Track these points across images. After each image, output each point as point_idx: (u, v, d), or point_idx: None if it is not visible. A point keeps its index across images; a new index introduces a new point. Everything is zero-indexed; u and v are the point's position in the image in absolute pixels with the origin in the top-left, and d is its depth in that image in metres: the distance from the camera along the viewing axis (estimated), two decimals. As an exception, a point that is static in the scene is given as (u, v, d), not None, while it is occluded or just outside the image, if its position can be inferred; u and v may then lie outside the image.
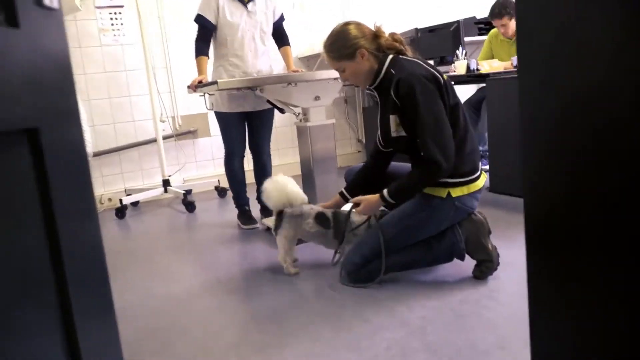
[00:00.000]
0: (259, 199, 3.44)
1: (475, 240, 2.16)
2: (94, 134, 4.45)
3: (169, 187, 4.26)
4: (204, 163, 4.87)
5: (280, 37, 3.34)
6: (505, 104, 3.39)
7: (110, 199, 4.50)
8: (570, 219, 0.79)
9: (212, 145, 4.85)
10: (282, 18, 3.30)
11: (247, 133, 3.31)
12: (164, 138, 4.54)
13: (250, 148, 3.37)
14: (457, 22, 4.00)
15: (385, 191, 2.13)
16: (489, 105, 3.59)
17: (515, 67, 3.76)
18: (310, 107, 2.95)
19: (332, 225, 2.39)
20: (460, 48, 3.87)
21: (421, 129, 2.02)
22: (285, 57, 3.35)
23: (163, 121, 4.43)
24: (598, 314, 0.77)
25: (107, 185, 4.55)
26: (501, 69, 3.99)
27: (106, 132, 4.50)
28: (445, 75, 2.13)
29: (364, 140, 5.43)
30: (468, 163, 2.11)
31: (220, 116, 3.21)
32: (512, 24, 4.23)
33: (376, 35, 2.17)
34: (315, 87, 2.92)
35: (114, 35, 4.45)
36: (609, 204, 0.72)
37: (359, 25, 2.18)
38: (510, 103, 3.34)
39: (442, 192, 2.10)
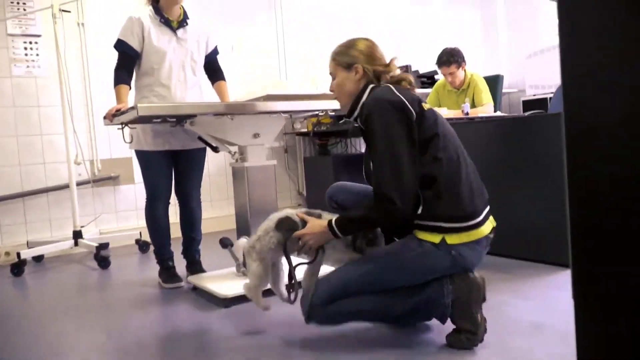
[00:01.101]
0: (185, 253, 2.97)
1: (464, 304, 1.77)
2: (-5, 177, 3.84)
3: (80, 240, 3.67)
4: (125, 214, 4.32)
5: (214, 71, 2.98)
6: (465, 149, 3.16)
7: (8, 253, 3.83)
8: None
9: (136, 193, 4.32)
10: (216, 51, 2.96)
11: (173, 175, 2.87)
12: (80, 184, 3.98)
13: (177, 193, 2.92)
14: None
15: (333, 220, 1.81)
16: (441, 154, 3.34)
17: (467, 114, 3.58)
18: (248, 146, 2.57)
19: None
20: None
21: (375, 159, 1.77)
22: (220, 93, 2.98)
23: (78, 163, 3.89)
24: None
25: (7, 236, 3.89)
26: (451, 116, 3.80)
27: (10, 175, 3.90)
28: (426, 105, 1.85)
29: (305, 193, 5.08)
30: (465, 205, 1.77)
31: (142, 155, 2.76)
32: (460, 73, 4.10)
33: (385, 65, 1.94)
34: (255, 122, 2.56)
35: (27, 67, 3.95)
36: None
37: (374, 46, 1.98)
38: (469, 149, 3.10)
39: (436, 238, 1.75)
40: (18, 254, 3.42)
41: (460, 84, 4.15)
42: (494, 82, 4.52)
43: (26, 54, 3.94)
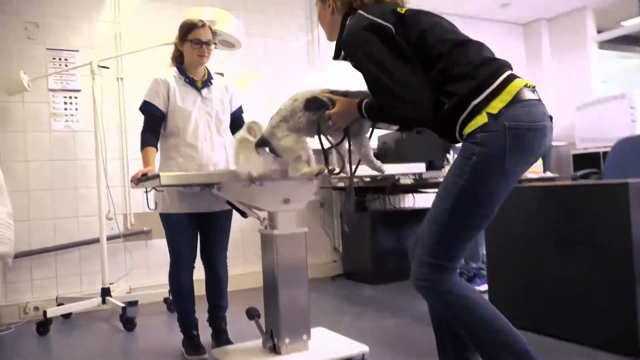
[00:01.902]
0: (210, 321, 2.82)
1: None
2: (29, 230, 3.82)
3: (107, 298, 3.58)
4: (157, 269, 4.22)
5: (239, 128, 2.89)
6: (506, 216, 2.93)
7: (37, 308, 3.78)
8: None
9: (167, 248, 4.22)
10: (241, 109, 2.91)
11: (198, 238, 2.76)
12: (112, 238, 3.93)
13: (202, 257, 2.79)
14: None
15: (363, 103, 1.81)
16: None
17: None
18: (278, 212, 2.43)
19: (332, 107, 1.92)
20: (451, 152, 3.47)
21: (375, 87, 1.73)
22: None
23: (110, 219, 3.84)
24: None
25: (37, 290, 3.85)
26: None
27: (44, 228, 3.88)
28: (404, 8, 1.76)
29: (340, 249, 4.88)
30: (484, 69, 1.59)
31: (167, 218, 2.66)
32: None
33: None
34: (286, 188, 2.43)
35: (67, 121, 3.98)
36: None
37: None
38: (513, 215, 2.88)
39: (481, 118, 1.55)
40: (44, 313, 3.34)
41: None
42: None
43: (66, 109, 3.98)
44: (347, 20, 1.83)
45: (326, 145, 1.99)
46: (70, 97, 4.00)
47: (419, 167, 2.95)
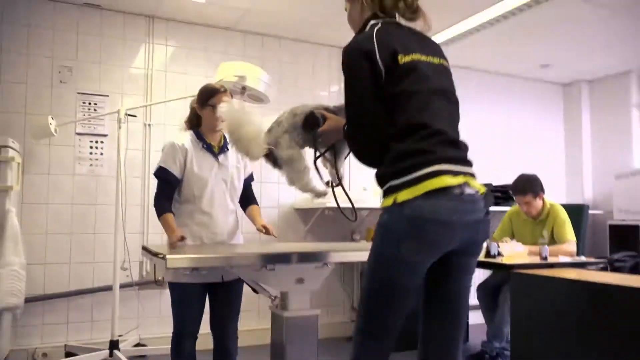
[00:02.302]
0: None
1: None
2: (44, 273, 3.78)
3: (115, 352, 3.49)
4: (169, 319, 4.10)
5: (247, 197, 2.83)
6: (532, 301, 2.75)
7: (45, 355, 3.71)
8: None
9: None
10: (251, 177, 2.85)
11: (207, 307, 2.66)
12: (126, 286, 3.86)
13: (212, 328, 2.68)
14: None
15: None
16: (514, 301, 2.92)
17: (545, 258, 3.17)
18: (290, 292, 2.31)
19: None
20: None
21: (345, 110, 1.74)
22: (253, 216, 2.80)
23: (124, 269, 3.78)
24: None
25: (47, 336, 3.78)
26: (525, 255, 3.40)
27: (59, 273, 3.84)
28: (407, 57, 1.65)
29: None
30: (408, 156, 1.58)
31: (177, 287, 2.57)
32: (537, 203, 3.71)
33: None
34: (300, 269, 2.31)
35: (91, 165, 3.97)
36: None
37: None
38: (539, 301, 2.70)
39: (389, 200, 1.59)
40: (49, 365, 3.27)
41: (537, 214, 3.75)
42: (578, 212, 4.07)
43: (91, 153, 3.98)
44: (368, 24, 1.77)
45: (319, 161, 1.99)
46: (97, 142, 4.00)
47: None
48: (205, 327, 2.64)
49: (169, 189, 2.57)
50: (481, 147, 5.57)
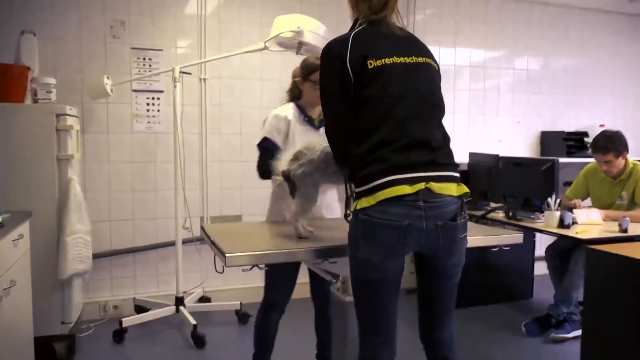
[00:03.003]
0: (320, 356, 2.77)
1: None
2: (109, 230, 3.89)
3: (181, 308, 3.60)
4: (231, 274, 4.18)
5: None
6: (610, 280, 2.57)
7: (116, 307, 3.89)
8: None
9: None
10: None
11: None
12: (188, 242, 3.92)
13: (313, 297, 2.73)
14: (552, 160, 3.22)
15: None
16: (588, 278, 2.73)
17: (625, 230, 2.94)
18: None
19: None
20: (554, 196, 3.08)
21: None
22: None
23: (186, 228, 3.81)
24: None
25: (116, 289, 3.94)
26: (601, 223, 3.17)
27: (124, 229, 3.93)
28: (377, 61, 1.67)
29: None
30: (365, 164, 1.67)
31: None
32: (619, 163, 3.42)
33: None
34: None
35: (148, 122, 3.94)
36: None
37: None
38: (617, 280, 2.52)
39: (353, 206, 1.74)
40: (120, 322, 3.40)
41: (617, 173, 3.46)
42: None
43: (148, 110, 3.94)
44: (355, 25, 1.82)
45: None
46: (153, 99, 3.94)
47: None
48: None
49: (271, 157, 2.50)
50: (562, 90, 5.18)
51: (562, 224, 3.02)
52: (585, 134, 4.78)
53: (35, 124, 2.95)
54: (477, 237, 2.06)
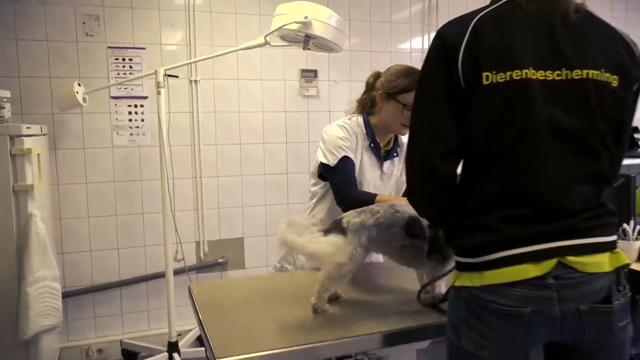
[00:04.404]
0: None
1: None
2: (91, 262, 3.32)
3: (174, 355, 3.04)
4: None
5: None
6: None
7: (100, 351, 3.33)
8: None
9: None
10: None
11: None
12: (179, 272, 3.34)
13: None
14: (628, 177, 2.61)
15: None
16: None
17: None
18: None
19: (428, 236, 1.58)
20: (632, 223, 2.48)
21: None
22: None
23: (178, 260, 3.23)
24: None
25: (101, 329, 3.38)
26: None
27: (107, 260, 3.36)
28: (500, 75, 1.10)
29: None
30: (469, 230, 1.18)
31: None
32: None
33: None
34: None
35: (131, 134, 3.36)
36: None
37: None
38: None
39: (453, 277, 1.25)
40: (102, 378, 2.86)
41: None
42: None
43: (130, 119, 3.35)
44: None
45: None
46: (136, 106, 3.35)
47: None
48: None
49: (354, 180, 1.94)
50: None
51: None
52: (636, 129, 4.16)
53: (-18, 150, 2.37)
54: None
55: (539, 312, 1.11)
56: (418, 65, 1.45)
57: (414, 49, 3.92)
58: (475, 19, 1.14)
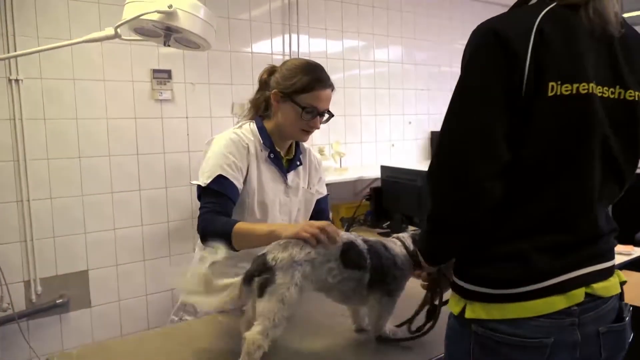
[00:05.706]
0: None
1: None
2: None
3: None
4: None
5: (318, 212, 1.92)
6: None
7: None
8: None
9: (92, 322, 3.02)
10: (327, 200, 1.97)
11: None
12: (8, 321, 2.63)
13: None
14: None
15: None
16: None
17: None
18: None
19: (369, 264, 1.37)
20: None
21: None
22: None
23: (5, 310, 2.53)
24: None
25: None
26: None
27: None
28: (565, 86, 0.99)
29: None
30: (494, 258, 1.06)
31: None
32: None
33: None
34: None
35: None
36: None
37: None
38: None
39: (457, 307, 1.12)
40: None
41: None
42: None
43: None
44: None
45: None
46: None
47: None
48: None
49: (226, 206, 1.58)
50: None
51: None
52: None
53: None
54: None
55: (560, 342, 1.06)
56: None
57: (275, 51, 3.65)
58: (539, 18, 1.00)
